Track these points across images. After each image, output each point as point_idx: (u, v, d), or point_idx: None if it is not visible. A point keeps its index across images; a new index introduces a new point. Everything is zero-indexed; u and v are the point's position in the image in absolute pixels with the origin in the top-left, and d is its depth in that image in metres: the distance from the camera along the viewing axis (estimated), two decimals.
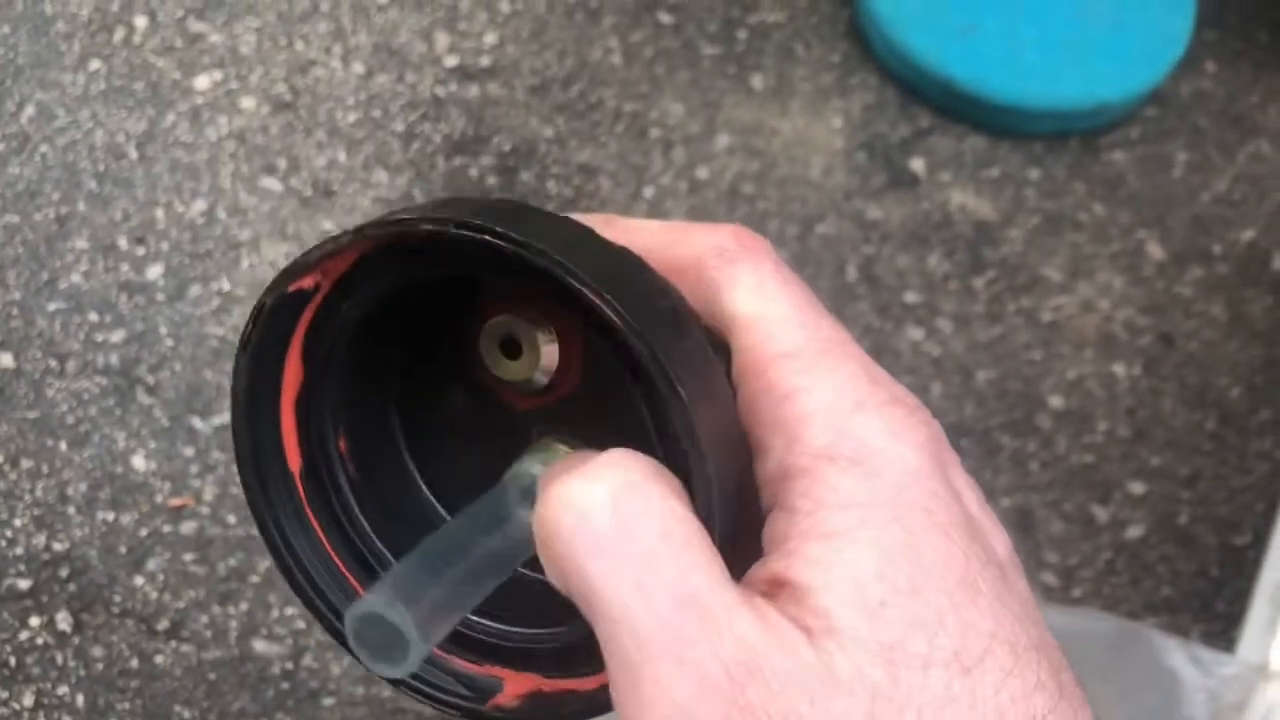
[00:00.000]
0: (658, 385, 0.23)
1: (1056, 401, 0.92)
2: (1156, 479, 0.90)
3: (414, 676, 0.26)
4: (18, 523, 0.80)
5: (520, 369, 0.27)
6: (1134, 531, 0.89)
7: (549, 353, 0.27)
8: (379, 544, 0.28)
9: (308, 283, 0.26)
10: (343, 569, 0.27)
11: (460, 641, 0.27)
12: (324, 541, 0.27)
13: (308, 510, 0.27)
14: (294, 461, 0.27)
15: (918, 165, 1.01)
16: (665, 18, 1.05)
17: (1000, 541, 0.25)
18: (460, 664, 0.27)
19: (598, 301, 0.23)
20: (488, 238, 0.23)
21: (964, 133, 1.02)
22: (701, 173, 0.99)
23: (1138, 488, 0.90)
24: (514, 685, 0.27)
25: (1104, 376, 0.93)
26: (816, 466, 0.22)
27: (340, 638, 0.26)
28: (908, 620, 0.21)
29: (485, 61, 1.02)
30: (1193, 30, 1.04)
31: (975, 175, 1.01)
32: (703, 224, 0.26)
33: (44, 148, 0.94)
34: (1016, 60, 1.00)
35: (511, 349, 0.27)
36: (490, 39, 1.03)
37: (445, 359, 0.28)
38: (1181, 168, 1.03)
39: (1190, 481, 0.91)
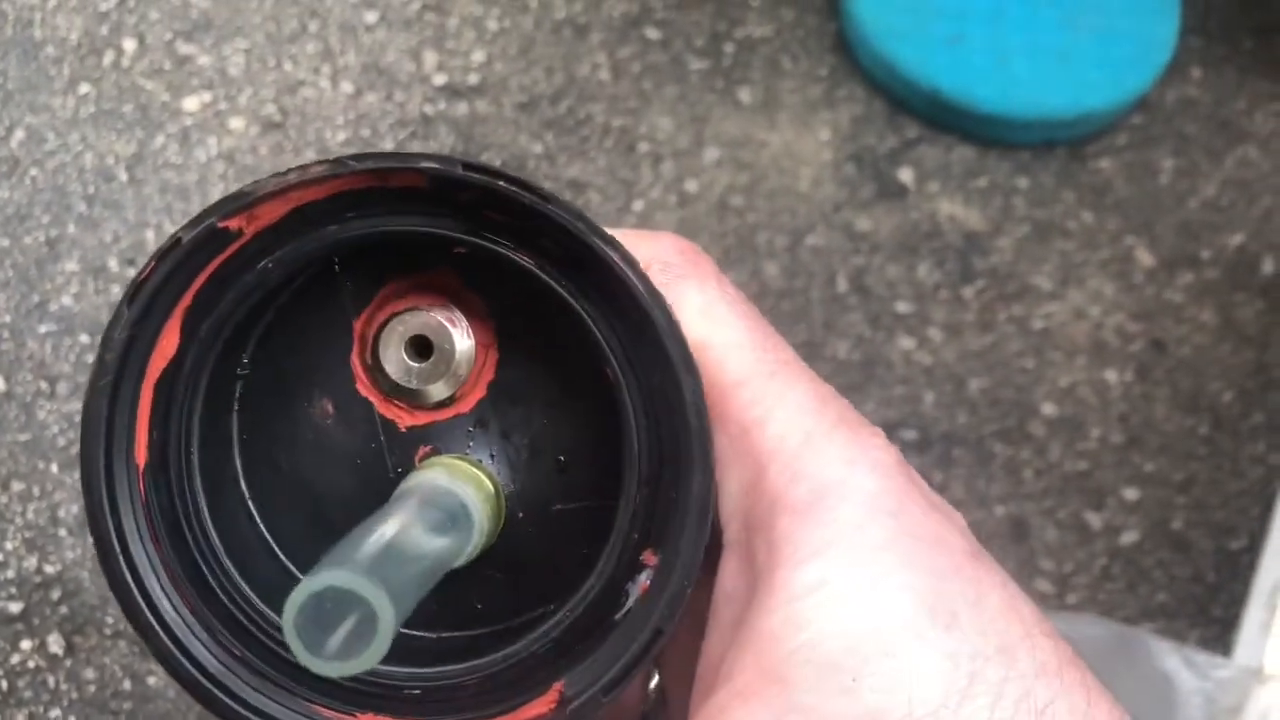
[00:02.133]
0: (668, 350, 0.22)
1: (1049, 409, 0.92)
2: (1150, 485, 0.90)
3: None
4: (9, 545, 0.80)
5: (427, 373, 0.25)
6: (1129, 537, 0.88)
7: (464, 352, 0.25)
8: (225, 561, 0.25)
9: (235, 223, 0.22)
10: (176, 580, 0.24)
11: (324, 689, 0.24)
12: (159, 548, 0.24)
13: (145, 512, 0.24)
14: (140, 454, 0.24)
15: (906, 176, 1.01)
16: (652, 33, 1.06)
17: (959, 529, 0.24)
18: (325, 713, 0.24)
19: (614, 257, 0.22)
20: (502, 183, 0.21)
21: (952, 143, 1.02)
22: (690, 186, 0.99)
23: (1131, 494, 0.90)
24: None
25: (1096, 383, 0.93)
26: (775, 522, 0.23)
27: (165, 657, 0.23)
28: (882, 688, 0.21)
29: (473, 79, 1.02)
30: (1178, 37, 1.05)
31: (964, 185, 1.01)
32: (643, 232, 0.26)
33: (34, 171, 0.94)
34: (1003, 70, 1.01)
35: (421, 348, 0.25)
36: (478, 57, 1.03)
37: (314, 363, 0.25)
38: (1169, 174, 1.03)
39: (1184, 486, 0.90)
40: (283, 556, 0.25)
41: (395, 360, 0.25)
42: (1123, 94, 1.02)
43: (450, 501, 0.22)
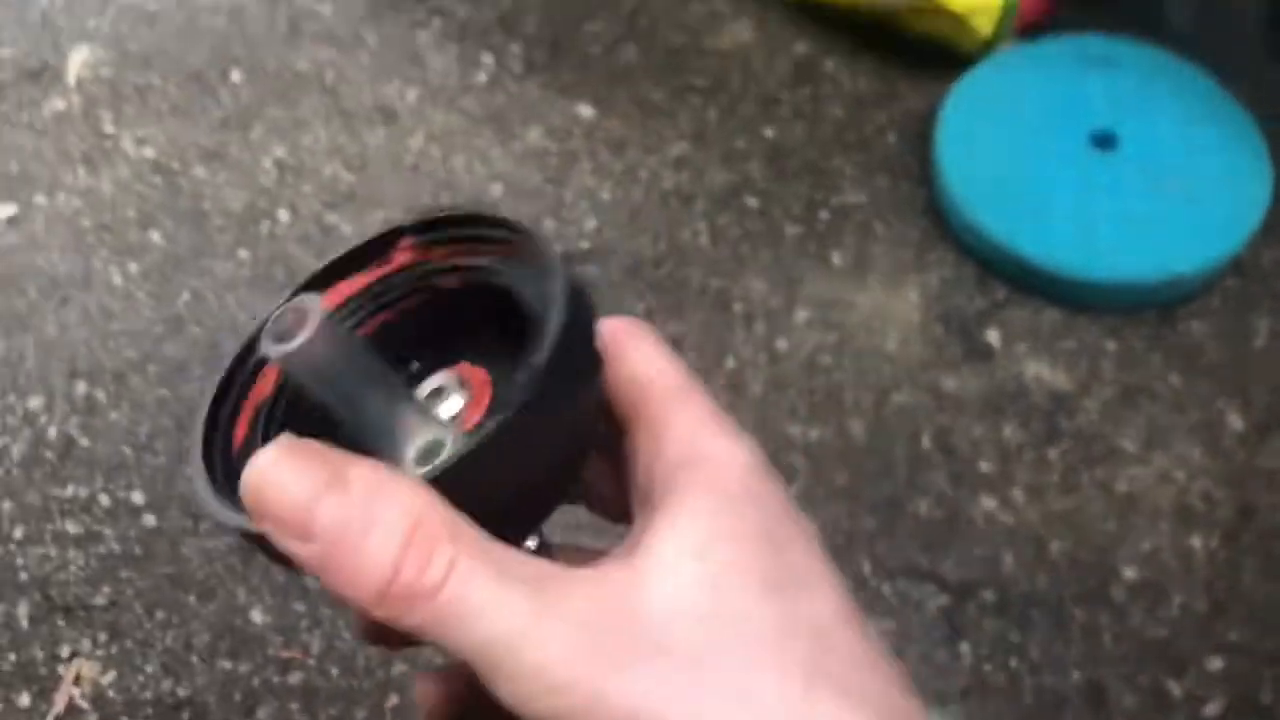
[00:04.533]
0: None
1: (1131, 573, 0.93)
2: (1236, 655, 0.90)
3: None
4: (149, 669, 0.90)
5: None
6: (1211, 709, 0.88)
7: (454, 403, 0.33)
8: None
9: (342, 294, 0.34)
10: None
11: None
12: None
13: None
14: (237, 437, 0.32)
15: (993, 337, 1.04)
16: (751, 201, 1.13)
17: (805, 526, 0.32)
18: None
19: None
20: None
21: (1040, 305, 1.05)
22: (781, 345, 1.04)
23: (1215, 663, 0.89)
24: None
25: (1180, 548, 0.94)
26: (673, 473, 0.30)
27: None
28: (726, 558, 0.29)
29: (585, 245, 1.11)
30: (1271, 197, 1.06)
31: (1051, 347, 1.04)
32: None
33: (195, 329, 1.07)
34: (1089, 236, 1.04)
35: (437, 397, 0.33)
36: (590, 224, 1.12)
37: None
38: (1264, 336, 1.03)
39: (1273, 658, 0.89)
40: None
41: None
42: (1213, 258, 1.03)
43: None
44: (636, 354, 0.33)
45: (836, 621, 0.28)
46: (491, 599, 0.26)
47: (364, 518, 0.26)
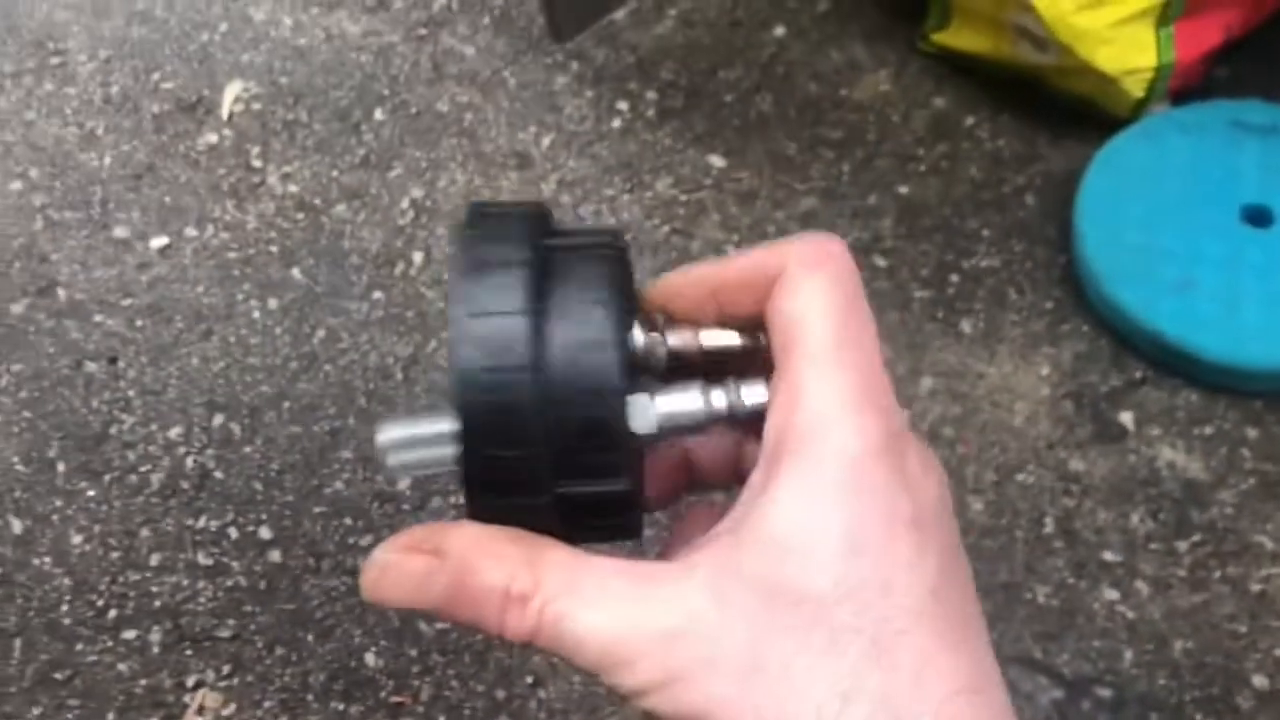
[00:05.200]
0: None
1: (1260, 681, 0.89)
2: None
3: None
4: (267, 704, 0.93)
5: None
6: None
7: None
8: None
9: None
10: None
11: None
12: None
13: None
14: None
15: (1126, 418, 1.01)
16: (880, 260, 1.11)
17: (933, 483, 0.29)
18: None
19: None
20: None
21: (1178, 386, 1.01)
22: None
23: None
24: None
25: None
26: (795, 445, 0.28)
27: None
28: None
29: None
30: None
31: (1187, 432, 0.99)
32: (789, 242, 0.30)
33: (328, 367, 1.10)
34: (1234, 318, 0.99)
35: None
36: None
37: None
38: None
39: None
40: None
41: None
42: None
43: None
44: (800, 292, 0.29)
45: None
46: (590, 621, 0.28)
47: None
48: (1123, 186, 1.08)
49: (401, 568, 0.29)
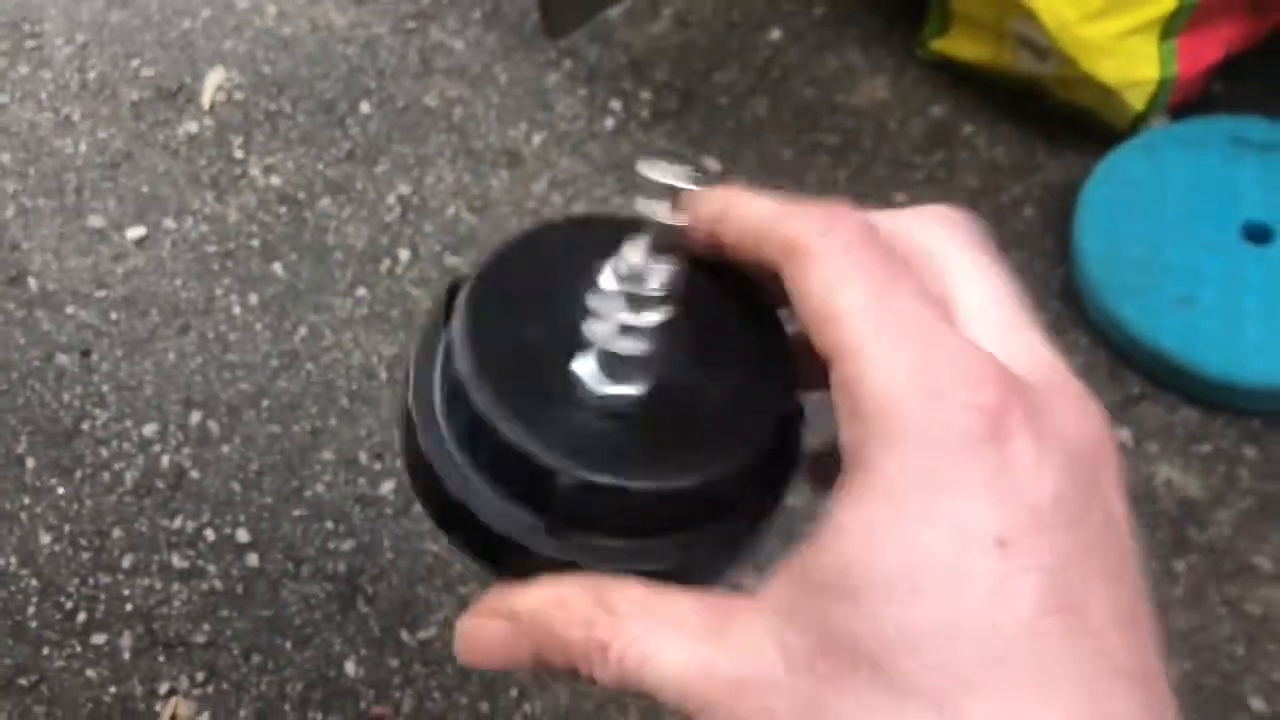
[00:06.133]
0: None
1: (1258, 704, 0.88)
2: None
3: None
4: (243, 713, 0.90)
5: None
6: None
7: None
8: None
9: None
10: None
11: None
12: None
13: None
14: None
15: (1124, 434, 0.99)
16: None
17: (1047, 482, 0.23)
18: None
19: None
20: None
21: (1176, 403, 1.00)
22: None
23: None
24: None
25: None
26: (859, 447, 0.23)
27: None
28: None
29: None
30: None
31: (1185, 449, 0.98)
32: (809, 206, 0.26)
33: (309, 365, 1.07)
34: (1235, 335, 0.98)
35: None
36: None
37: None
38: None
39: None
40: None
41: None
42: None
43: None
44: (818, 275, 0.25)
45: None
46: (669, 660, 0.25)
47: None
48: (1123, 200, 1.07)
49: (482, 634, 0.28)
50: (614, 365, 0.27)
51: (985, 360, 0.24)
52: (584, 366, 0.27)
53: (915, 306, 0.24)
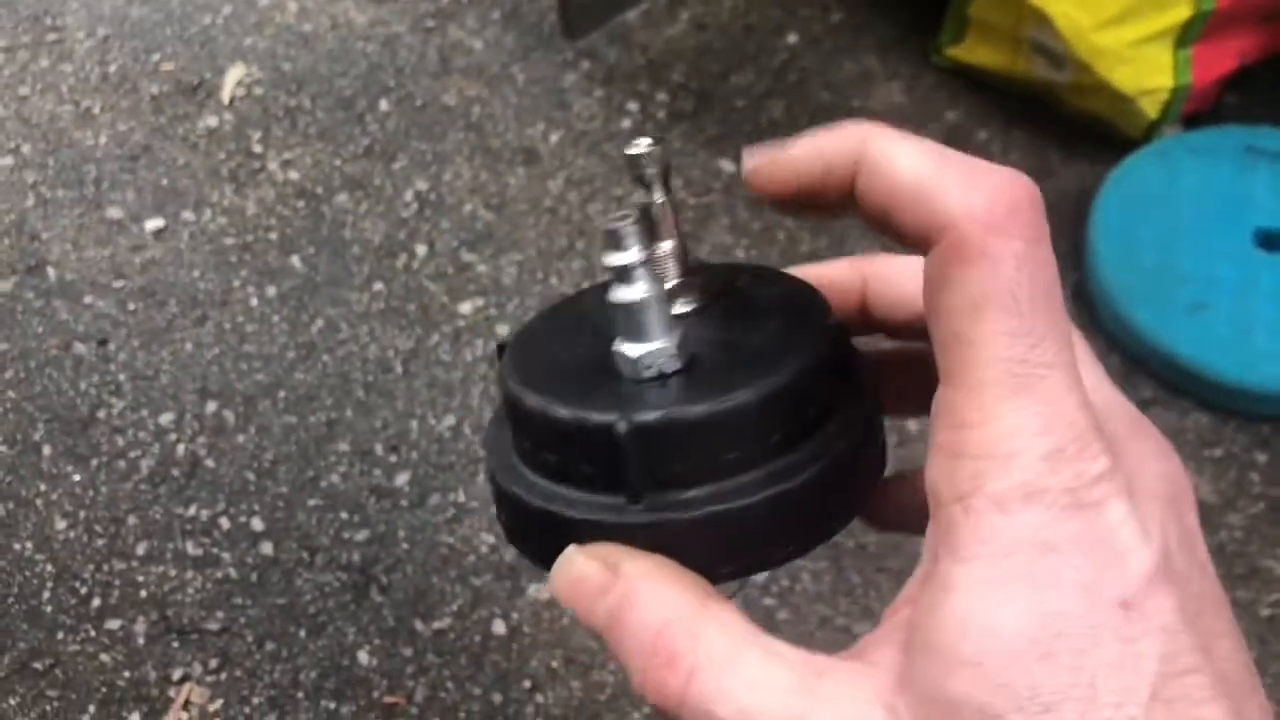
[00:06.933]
0: None
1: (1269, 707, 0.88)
2: None
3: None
4: (256, 700, 0.90)
5: None
6: None
7: None
8: None
9: None
10: None
11: None
12: None
13: None
14: None
15: None
16: None
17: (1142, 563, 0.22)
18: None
19: None
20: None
21: (1188, 408, 1.01)
22: (911, 426, 1.01)
23: None
24: None
25: None
26: (958, 499, 0.22)
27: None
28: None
29: None
30: None
31: (1197, 454, 0.99)
32: (978, 172, 0.22)
33: (325, 357, 1.08)
34: (1246, 341, 0.99)
35: None
36: None
37: None
38: None
39: None
40: None
41: None
42: None
43: None
44: (976, 282, 0.22)
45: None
46: (746, 703, 0.23)
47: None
48: (1136, 207, 1.07)
49: (578, 571, 0.25)
50: (647, 320, 0.27)
51: (1094, 421, 0.22)
52: (622, 344, 0.27)
53: (1058, 351, 0.22)
